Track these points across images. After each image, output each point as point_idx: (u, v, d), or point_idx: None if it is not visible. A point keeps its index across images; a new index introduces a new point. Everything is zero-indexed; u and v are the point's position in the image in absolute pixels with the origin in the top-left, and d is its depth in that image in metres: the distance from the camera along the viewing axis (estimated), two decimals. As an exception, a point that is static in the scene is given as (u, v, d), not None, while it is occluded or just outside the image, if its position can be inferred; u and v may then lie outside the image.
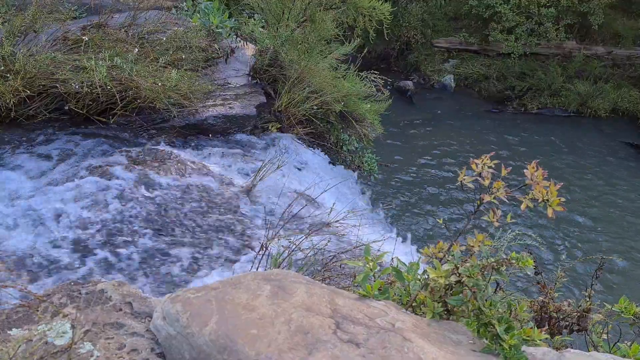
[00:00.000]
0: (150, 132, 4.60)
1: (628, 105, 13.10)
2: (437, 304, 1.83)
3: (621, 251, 7.86)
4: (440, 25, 14.71)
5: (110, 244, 3.34)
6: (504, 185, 1.93)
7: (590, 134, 12.31)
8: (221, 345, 1.48)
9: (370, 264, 1.88)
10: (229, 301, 1.63)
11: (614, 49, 14.01)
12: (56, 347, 1.58)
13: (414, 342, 1.56)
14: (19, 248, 3.17)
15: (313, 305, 1.65)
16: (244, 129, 5.01)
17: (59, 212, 3.52)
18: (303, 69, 5.42)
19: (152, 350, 1.65)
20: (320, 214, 4.00)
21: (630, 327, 2.13)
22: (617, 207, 9.28)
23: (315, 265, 2.73)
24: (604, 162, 10.96)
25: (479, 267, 1.76)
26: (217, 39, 5.57)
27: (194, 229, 3.60)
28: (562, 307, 2.35)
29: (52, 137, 4.26)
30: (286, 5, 5.92)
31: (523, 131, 12.04)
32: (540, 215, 8.38)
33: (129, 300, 1.84)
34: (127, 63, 4.34)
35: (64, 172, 3.91)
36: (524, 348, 1.67)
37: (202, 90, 4.81)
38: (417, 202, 8.80)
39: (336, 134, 5.96)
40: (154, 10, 5.60)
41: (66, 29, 4.70)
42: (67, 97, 4.24)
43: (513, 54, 13.69)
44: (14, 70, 4.02)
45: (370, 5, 7.00)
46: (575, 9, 13.47)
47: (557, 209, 1.86)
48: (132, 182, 3.88)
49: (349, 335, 1.55)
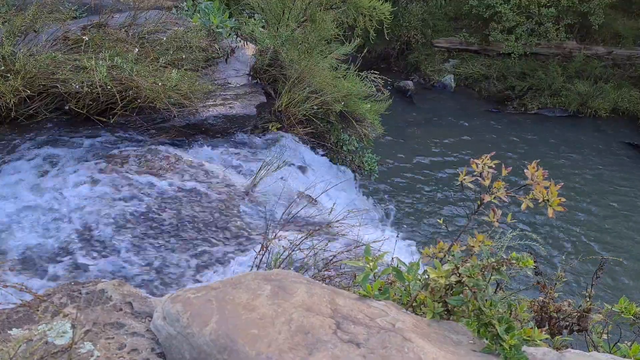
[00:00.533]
0: (150, 132, 4.60)
1: (628, 105, 13.10)
2: (437, 304, 1.83)
3: (622, 251, 7.85)
4: (441, 25, 14.71)
5: (110, 244, 3.34)
6: (505, 186, 1.93)
7: (590, 134, 12.31)
8: (221, 345, 1.48)
9: (371, 263, 1.88)
10: (230, 301, 1.63)
11: (614, 49, 14.01)
12: (56, 347, 1.58)
13: (414, 342, 1.56)
14: (15, 246, 3.18)
15: (313, 305, 1.65)
16: (244, 128, 5.01)
17: (56, 212, 3.52)
18: (303, 68, 5.42)
19: (153, 350, 1.65)
20: (320, 213, 4.00)
21: (631, 327, 2.13)
22: (617, 207, 9.28)
23: (316, 265, 2.73)
24: (604, 162, 10.96)
25: (480, 267, 1.76)
26: (217, 39, 5.57)
27: (194, 228, 3.60)
28: (563, 307, 2.35)
29: (52, 137, 4.26)
30: (286, 5, 5.92)
31: (523, 131, 12.04)
32: (541, 214, 8.38)
33: (129, 300, 1.84)
34: (128, 63, 4.34)
35: (63, 172, 3.91)
36: (524, 348, 1.66)
37: (202, 90, 4.81)
38: (417, 202, 8.80)
39: (336, 134, 5.96)
40: (154, 10, 5.60)
41: (66, 28, 4.70)
42: (67, 97, 4.24)
43: (513, 54, 13.69)
44: (14, 70, 4.02)
45: (371, 5, 7.00)
46: (575, 9, 13.46)
47: (558, 209, 1.86)
48: (131, 181, 3.88)
49: (350, 335, 1.55)
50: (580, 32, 14.15)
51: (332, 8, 6.53)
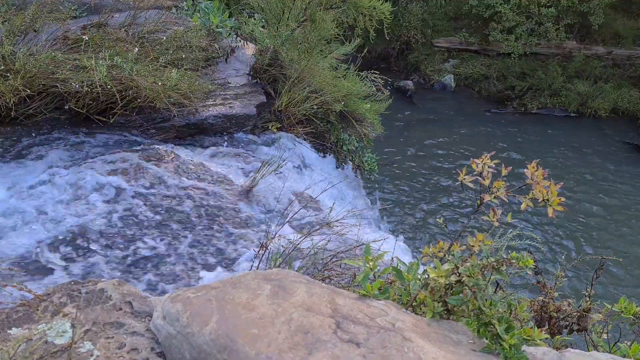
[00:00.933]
0: (150, 132, 4.60)
1: (628, 105, 13.10)
2: (437, 303, 1.83)
3: (622, 251, 7.86)
4: (441, 25, 14.71)
5: (109, 243, 3.34)
6: (505, 185, 1.93)
7: (590, 133, 12.31)
8: (221, 344, 1.48)
9: (370, 263, 1.88)
10: (229, 301, 1.63)
11: (614, 49, 14.01)
12: (56, 346, 1.58)
13: (414, 341, 1.56)
14: (12, 246, 3.18)
15: (313, 305, 1.65)
16: (244, 128, 5.01)
17: (55, 212, 3.52)
18: (303, 68, 5.42)
19: (152, 350, 1.65)
20: (320, 213, 4.00)
21: (630, 327, 2.13)
22: (617, 207, 9.28)
23: (316, 264, 2.73)
24: (604, 162, 10.96)
25: (479, 266, 1.76)
26: (217, 39, 5.57)
27: (193, 228, 3.60)
28: (562, 307, 2.35)
29: (52, 137, 4.26)
30: (286, 5, 5.91)
31: (523, 131, 12.04)
32: (541, 214, 8.38)
33: (129, 300, 1.84)
34: (127, 62, 4.33)
35: (62, 171, 3.91)
36: (524, 348, 1.66)
37: (202, 90, 4.81)
38: (417, 202, 8.80)
39: (336, 134, 5.96)
40: (154, 9, 5.60)
41: (66, 28, 4.70)
42: (67, 97, 4.23)
43: (513, 53, 13.69)
44: (14, 69, 4.02)
45: (371, 5, 7.00)
46: (575, 9, 13.46)
47: (558, 208, 1.86)
48: (130, 181, 3.88)
49: (349, 335, 1.55)
50: (580, 32, 14.15)
51: (332, 8, 6.53)
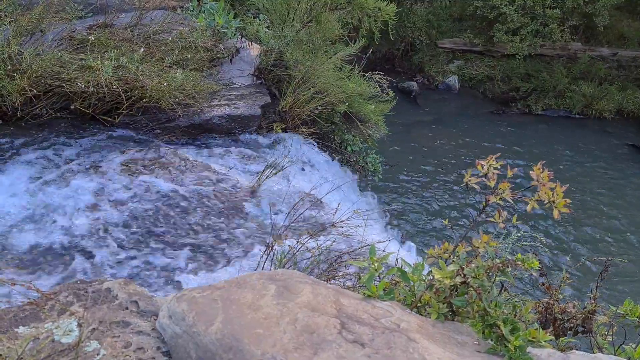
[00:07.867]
0: (155, 132, 4.62)
1: (633, 106, 13.05)
2: (442, 304, 1.83)
3: (627, 253, 7.83)
4: (445, 26, 14.68)
5: (109, 244, 3.35)
6: (510, 187, 1.93)
7: (595, 135, 12.27)
8: (227, 344, 1.49)
9: (375, 264, 1.88)
10: (235, 301, 1.63)
11: (619, 51, 13.96)
12: (63, 345, 1.59)
13: (419, 342, 1.56)
14: (17, 244, 3.20)
15: (318, 305, 1.66)
16: (248, 128, 5.02)
17: (61, 210, 3.53)
18: (308, 69, 5.42)
19: (158, 349, 1.66)
20: (325, 214, 4.00)
21: (635, 329, 2.12)
22: (623, 209, 9.25)
23: (321, 265, 2.74)
24: (609, 164, 10.92)
25: (485, 268, 1.76)
26: (222, 39, 5.58)
27: (199, 228, 3.61)
28: (567, 309, 2.34)
29: (57, 136, 4.28)
30: (291, 6, 5.92)
31: (528, 132, 12.01)
32: (546, 216, 8.36)
33: (135, 299, 1.84)
34: (133, 63, 4.35)
35: (67, 171, 3.93)
36: (529, 349, 1.66)
37: (207, 90, 4.83)
38: (422, 203, 8.79)
39: (340, 135, 5.96)
40: (159, 10, 5.61)
41: (72, 28, 4.72)
42: (73, 97, 4.26)
43: (518, 55, 13.65)
44: (20, 69, 4.04)
45: (376, 6, 6.99)
46: (580, 10, 13.42)
47: (563, 210, 1.86)
48: (134, 181, 3.90)
49: (354, 335, 1.56)
50: (585, 34, 14.10)
51: (337, 9, 6.53)
